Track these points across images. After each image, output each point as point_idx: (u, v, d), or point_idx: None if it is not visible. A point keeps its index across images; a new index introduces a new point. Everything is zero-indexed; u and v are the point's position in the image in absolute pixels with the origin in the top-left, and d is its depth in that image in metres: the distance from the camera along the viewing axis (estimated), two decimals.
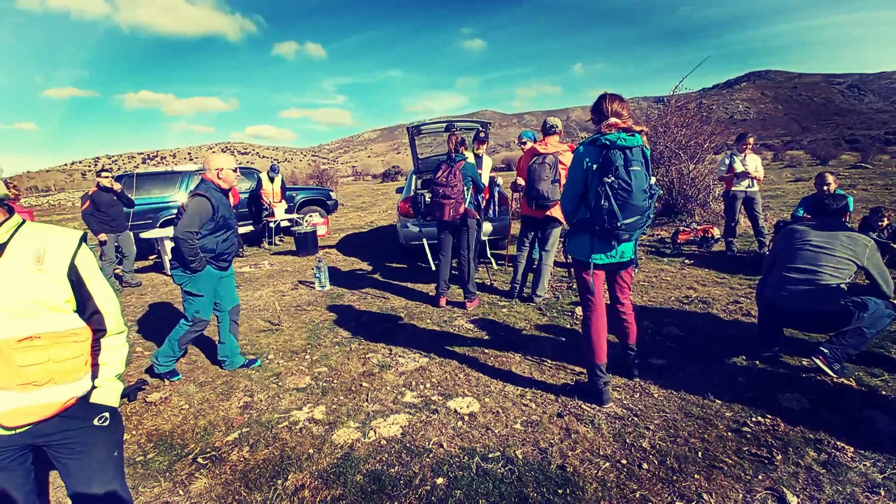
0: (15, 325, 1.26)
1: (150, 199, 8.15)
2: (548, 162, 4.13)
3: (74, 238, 1.40)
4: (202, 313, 3.17)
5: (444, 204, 4.18)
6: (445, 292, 4.59)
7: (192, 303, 3.13)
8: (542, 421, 2.54)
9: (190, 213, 2.93)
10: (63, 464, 1.45)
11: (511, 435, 2.43)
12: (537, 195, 4.17)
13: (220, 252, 3.14)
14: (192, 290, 3.09)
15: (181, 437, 2.61)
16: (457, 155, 4.29)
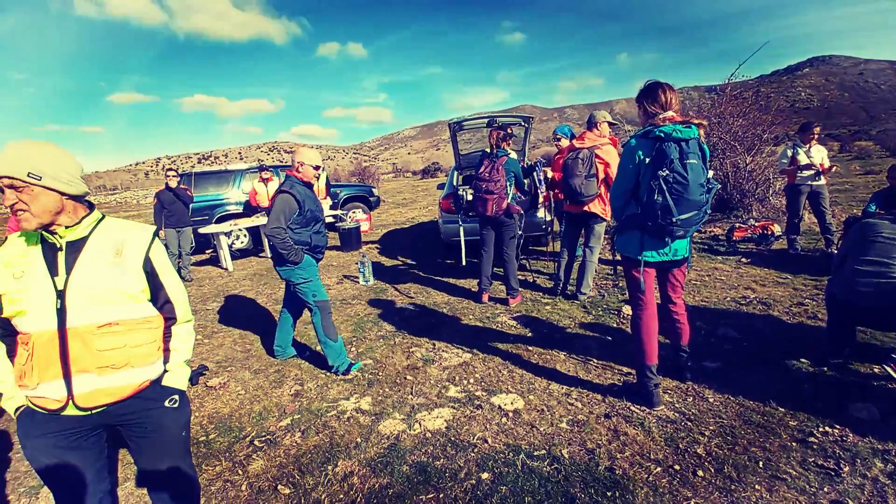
0: (96, 312, 1.37)
1: (207, 197, 8.63)
2: (580, 157, 4.07)
3: (149, 232, 1.51)
4: (319, 294, 3.20)
5: (486, 199, 4.17)
6: (488, 288, 4.58)
7: (306, 289, 3.17)
8: (589, 421, 2.49)
9: (275, 210, 2.98)
10: (135, 442, 1.57)
11: (557, 434, 2.40)
12: (570, 191, 4.12)
13: (315, 244, 3.17)
14: (298, 278, 3.13)
15: (238, 420, 2.76)
16: (499, 150, 4.26)
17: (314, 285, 3.18)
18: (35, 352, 1.32)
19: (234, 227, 7.37)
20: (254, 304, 5.19)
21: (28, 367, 1.33)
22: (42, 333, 1.32)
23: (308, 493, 2.09)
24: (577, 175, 4.02)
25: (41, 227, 1.30)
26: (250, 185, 8.49)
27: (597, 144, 4.07)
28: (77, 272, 1.34)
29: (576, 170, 4.03)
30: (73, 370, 1.35)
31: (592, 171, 4.00)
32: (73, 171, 1.34)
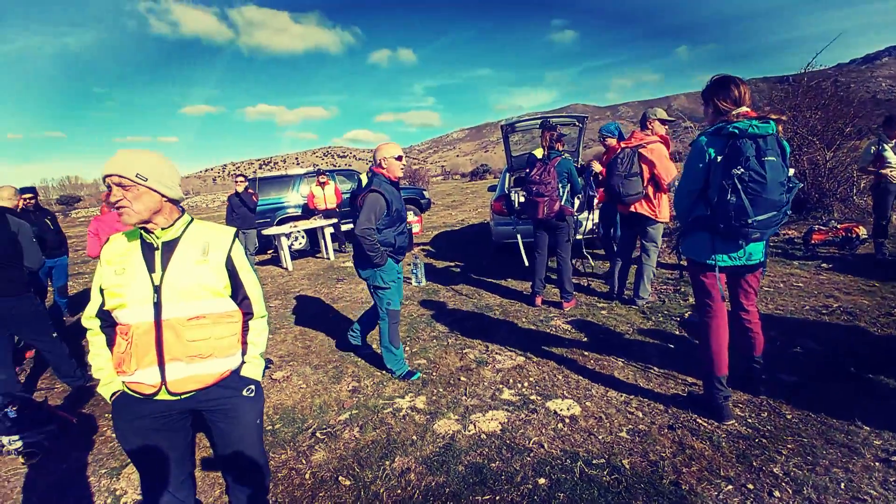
0: (186, 306, 1.50)
1: (269, 200, 9.13)
2: (620, 156, 3.97)
3: (230, 234, 1.63)
4: (393, 304, 3.17)
5: (537, 202, 4.12)
6: (541, 291, 4.52)
7: (382, 296, 3.14)
8: (651, 432, 2.39)
9: (365, 210, 2.91)
10: (217, 427, 1.69)
11: (616, 443, 2.33)
12: (610, 190, 4.04)
13: (399, 245, 3.11)
14: (379, 283, 3.09)
15: (301, 412, 2.90)
16: (552, 151, 4.19)
17: (391, 293, 3.15)
18: (133, 341, 1.46)
19: (294, 229, 7.74)
20: (312, 303, 5.43)
21: (127, 355, 1.48)
22: (140, 325, 1.46)
23: (367, 486, 2.16)
24: (616, 174, 3.94)
25: (140, 223, 1.43)
26: (308, 188, 8.89)
27: (642, 143, 3.93)
28: (171, 270, 1.47)
29: (615, 169, 3.95)
30: (166, 358, 1.48)
31: (634, 171, 3.87)
32: (173, 177, 1.48)
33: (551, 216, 4.14)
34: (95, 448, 2.77)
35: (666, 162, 3.93)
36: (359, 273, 3.19)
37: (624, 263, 4.40)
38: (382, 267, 3.04)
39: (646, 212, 4.02)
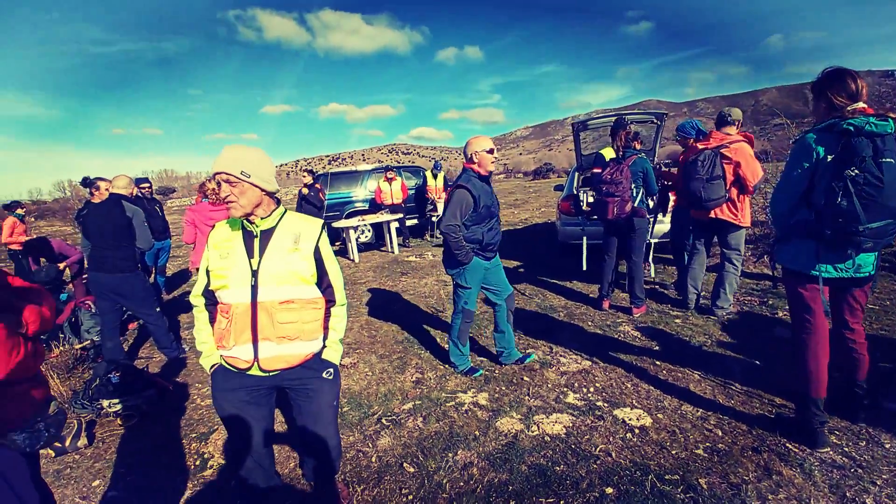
0: (279, 291, 1.62)
1: (339, 194, 9.55)
2: (700, 159, 3.64)
3: (318, 225, 1.74)
4: (470, 304, 3.13)
5: (607, 202, 3.93)
6: (609, 295, 4.35)
7: (461, 294, 3.12)
8: (733, 452, 2.23)
9: (451, 206, 2.87)
10: (298, 404, 1.82)
11: (692, 460, 2.19)
12: (689, 195, 3.72)
13: (487, 242, 3.00)
14: (461, 282, 3.07)
15: (367, 398, 3.02)
16: (627, 150, 4.01)
17: (470, 294, 3.11)
18: (233, 320, 1.60)
19: (361, 223, 8.04)
20: (377, 294, 5.61)
21: (227, 331, 1.62)
22: (239, 305, 1.60)
23: (430, 475, 2.20)
24: (696, 178, 3.63)
25: (244, 215, 1.57)
26: (375, 184, 9.19)
27: (724, 143, 3.62)
28: (267, 256, 1.60)
29: (695, 173, 3.63)
30: (259, 337, 1.61)
31: (717, 173, 3.56)
32: (271, 172, 1.60)
33: (622, 217, 3.96)
34: (187, 414, 3.07)
35: (753, 162, 3.61)
36: (446, 269, 3.19)
37: (697, 271, 4.12)
38: (467, 266, 2.99)
39: (727, 217, 3.72)
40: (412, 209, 9.73)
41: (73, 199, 23.23)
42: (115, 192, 3.67)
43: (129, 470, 2.51)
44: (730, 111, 3.79)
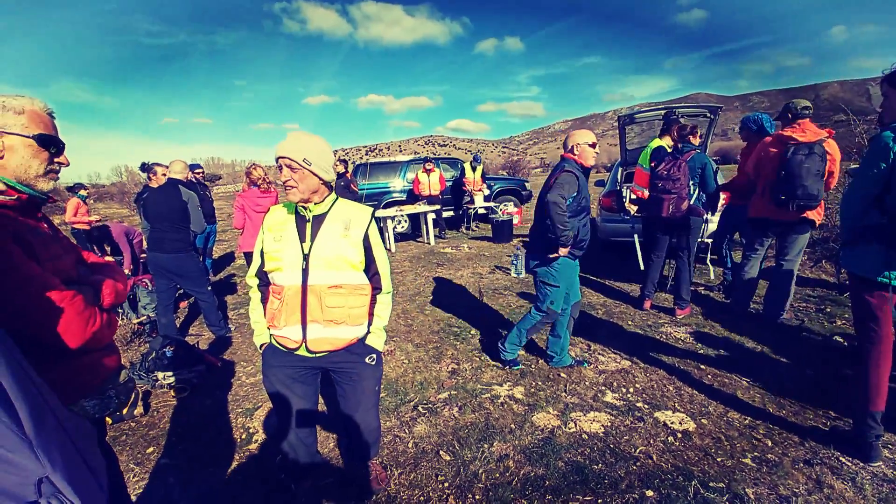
0: (329, 275, 1.66)
1: (377, 184, 9.68)
2: (817, 152, 3.25)
3: (368, 213, 1.76)
4: (556, 304, 2.96)
5: (662, 199, 3.79)
6: (651, 295, 4.22)
7: (548, 293, 2.95)
8: (783, 463, 2.13)
9: (557, 186, 2.71)
10: (341, 387, 1.87)
11: (738, 468, 2.11)
12: (804, 194, 3.30)
13: (581, 238, 2.89)
14: (550, 280, 2.92)
15: (403, 385, 3.07)
16: (685, 145, 3.84)
17: (558, 293, 2.94)
18: (285, 301, 1.66)
19: (399, 213, 8.13)
20: (414, 284, 5.67)
21: (278, 312, 1.68)
22: (291, 287, 1.65)
23: (466, 464, 2.22)
24: (814, 174, 3.26)
25: (301, 201, 1.62)
26: (413, 175, 9.25)
27: (822, 138, 3.32)
28: (318, 241, 1.64)
29: (813, 167, 3.26)
30: (308, 319, 1.66)
31: (821, 170, 3.28)
32: (330, 163, 1.64)
33: (677, 215, 3.79)
34: (233, 390, 3.22)
35: (839, 161, 3.36)
36: (527, 265, 3.04)
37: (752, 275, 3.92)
38: (559, 264, 2.87)
39: (816, 218, 3.44)
40: (449, 201, 9.74)
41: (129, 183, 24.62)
42: (172, 176, 3.87)
43: (180, 439, 2.66)
44: (797, 103, 3.46)
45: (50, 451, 0.81)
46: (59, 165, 1.23)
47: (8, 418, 0.75)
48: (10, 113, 1.11)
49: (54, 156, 1.20)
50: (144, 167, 4.38)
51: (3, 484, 0.75)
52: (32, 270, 1.06)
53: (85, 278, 1.27)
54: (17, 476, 0.76)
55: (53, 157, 1.20)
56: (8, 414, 0.75)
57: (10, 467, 0.75)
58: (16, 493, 0.76)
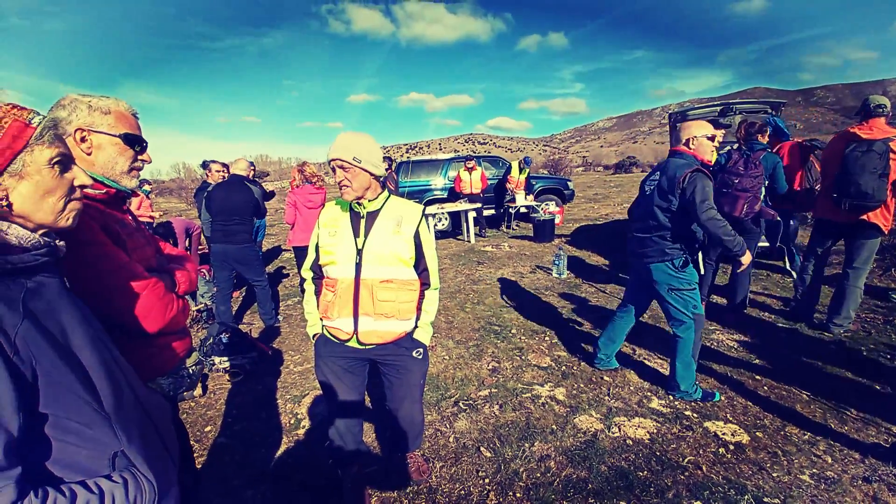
0: (381, 270, 1.71)
1: (418, 182, 9.79)
2: (876, 150, 3.05)
3: (419, 211, 1.81)
4: (699, 307, 2.65)
5: (738, 196, 3.46)
6: (705, 299, 4.04)
7: (688, 298, 2.62)
8: (842, 480, 2.01)
9: (700, 192, 2.40)
10: (388, 379, 1.92)
11: (795, 485, 2.00)
12: (857, 193, 3.13)
13: (700, 240, 2.66)
14: (682, 284, 2.60)
15: (444, 381, 3.11)
16: (755, 144, 3.65)
17: (697, 294, 2.66)
18: (338, 293, 1.73)
19: (440, 211, 8.19)
20: (454, 282, 5.71)
21: (332, 304, 1.75)
22: (344, 280, 1.72)
23: (507, 462, 2.23)
24: (870, 172, 3.06)
25: (355, 199, 1.68)
26: (455, 173, 9.28)
27: (890, 137, 3.09)
28: (371, 236, 1.70)
29: (869, 165, 3.07)
30: (360, 312, 1.72)
31: (886, 170, 3.05)
32: (379, 157, 1.69)
33: (749, 216, 3.51)
34: (282, 377, 3.37)
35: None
36: (650, 271, 2.68)
37: (815, 282, 3.68)
38: (682, 266, 2.59)
39: (879, 222, 3.21)
40: (490, 199, 9.72)
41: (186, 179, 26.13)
42: (235, 173, 4.11)
43: (235, 420, 2.82)
44: (878, 99, 3.24)
45: (127, 427, 0.87)
46: (142, 163, 1.33)
47: (88, 395, 0.81)
48: (97, 113, 1.21)
49: (138, 154, 1.30)
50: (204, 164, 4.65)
51: (74, 458, 0.80)
52: (120, 258, 1.17)
53: (162, 267, 1.38)
54: (88, 450, 0.81)
55: (137, 155, 1.30)
56: (88, 391, 0.81)
57: (83, 441, 0.80)
58: (86, 467, 0.81)
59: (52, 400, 0.76)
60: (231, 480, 2.26)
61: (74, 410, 0.79)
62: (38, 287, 0.80)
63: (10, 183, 0.78)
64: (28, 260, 0.79)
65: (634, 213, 2.90)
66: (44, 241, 0.83)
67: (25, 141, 0.79)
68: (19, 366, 0.71)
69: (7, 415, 0.69)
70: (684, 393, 2.72)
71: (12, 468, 0.69)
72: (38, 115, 0.82)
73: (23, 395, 0.71)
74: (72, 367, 0.79)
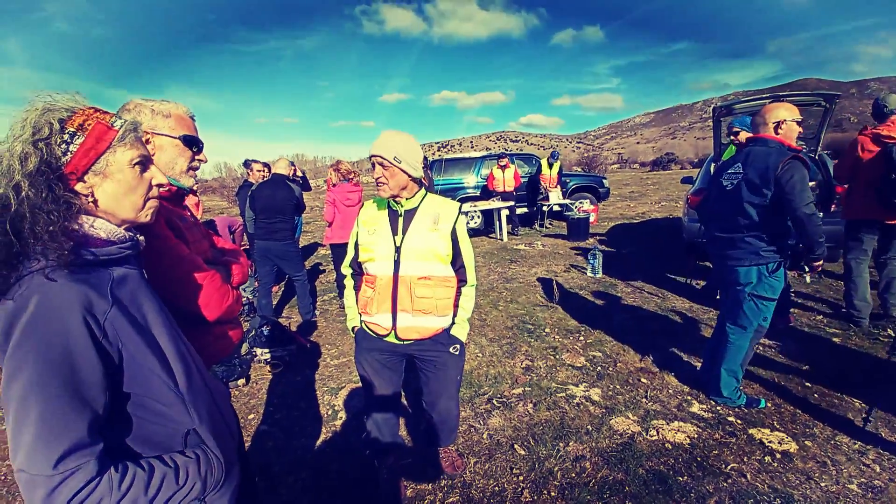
0: (419, 267, 1.75)
1: (451, 180, 9.83)
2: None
3: (456, 208, 1.83)
4: (769, 319, 2.47)
5: None
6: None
7: (762, 308, 2.43)
8: (889, 490, 1.92)
9: (798, 182, 2.19)
10: (425, 374, 1.96)
11: (843, 494, 1.92)
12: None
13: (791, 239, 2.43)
14: (766, 292, 2.40)
15: (477, 378, 3.12)
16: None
17: (772, 307, 2.47)
18: (377, 290, 1.78)
19: (472, 209, 8.19)
20: (487, 280, 5.71)
21: (371, 300, 1.80)
22: (383, 277, 1.76)
23: (541, 460, 2.23)
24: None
25: (392, 196, 1.72)
26: (487, 171, 9.26)
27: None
28: (409, 234, 1.73)
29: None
30: (398, 308, 1.76)
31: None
32: (419, 160, 1.72)
33: None
34: (320, 370, 3.48)
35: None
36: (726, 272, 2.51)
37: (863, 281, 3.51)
38: (777, 274, 2.38)
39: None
40: (523, 197, 9.64)
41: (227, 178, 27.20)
42: (277, 172, 4.27)
43: (276, 409, 2.94)
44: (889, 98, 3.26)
45: (198, 407, 0.93)
46: (199, 162, 1.42)
47: (166, 376, 0.88)
48: (160, 116, 1.29)
49: (195, 154, 1.38)
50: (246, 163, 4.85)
51: (157, 436, 0.87)
52: (182, 251, 1.24)
53: (217, 259, 1.46)
54: (167, 428, 0.88)
55: (195, 156, 1.38)
56: (167, 373, 0.88)
57: (164, 420, 0.87)
58: (164, 443, 0.87)
59: (135, 380, 0.82)
60: (272, 466, 2.36)
61: (154, 390, 0.85)
62: (122, 277, 0.86)
63: (95, 181, 0.84)
64: (114, 252, 0.85)
65: (709, 211, 2.68)
66: (128, 235, 0.90)
67: (108, 143, 0.84)
68: (107, 348, 0.78)
69: (95, 394, 0.75)
70: (727, 399, 2.60)
71: (95, 444, 0.74)
72: (119, 118, 0.88)
73: (109, 375, 0.77)
74: (153, 350, 0.86)
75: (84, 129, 0.81)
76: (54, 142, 0.78)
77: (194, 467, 0.87)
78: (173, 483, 0.82)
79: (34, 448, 0.69)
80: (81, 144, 0.80)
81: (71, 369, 0.72)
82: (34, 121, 0.77)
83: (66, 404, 0.71)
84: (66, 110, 0.81)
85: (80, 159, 0.81)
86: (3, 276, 0.73)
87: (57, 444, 0.70)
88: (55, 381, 0.71)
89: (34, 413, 0.70)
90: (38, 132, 0.77)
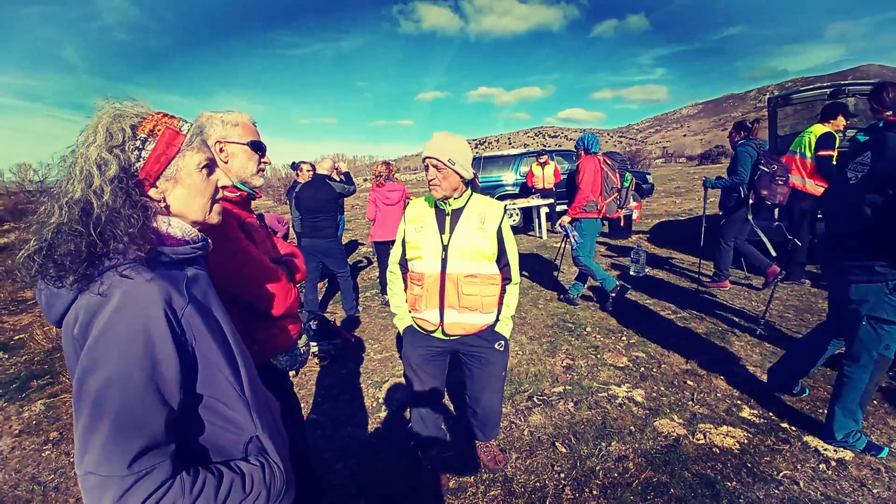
0: (466, 265, 1.80)
1: (490, 177, 9.83)
2: None
3: (501, 208, 1.87)
4: (892, 347, 2.01)
5: None
6: None
7: (884, 334, 1.99)
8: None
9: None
10: (470, 370, 2.01)
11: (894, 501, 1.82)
12: None
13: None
14: (890, 314, 1.94)
15: (517, 376, 3.15)
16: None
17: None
18: (425, 287, 1.85)
19: (511, 207, 8.16)
20: (526, 277, 5.69)
21: (419, 297, 1.88)
22: (431, 274, 1.83)
23: (583, 459, 2.24)
24: None
25: (443, 198, 1.78)
26: (526, 168, 9.19)
27: None
28: (456, 233, 1.80)
29: None
30: (445, 305, 1.83)
31: None
32: (470, 161, 1.77)
33: None
34: (364, 363, 3.61)
35: None
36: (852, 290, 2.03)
37: None
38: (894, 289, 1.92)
39: None
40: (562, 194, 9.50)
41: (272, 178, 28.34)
42: (321, 172, 4.46)
43: (324, 400, 3.09)
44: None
45: (261, 413, 0.90)
46: (265, 164, 1.53)
47: (234, 378, 0.85)
48: (229, 126, 1.41)
49: (261, 157, 1.50)
50: (294, 165, 5.07)
51: (222, 441, 0.84)
52: (252, 251, 1.36)
53: (280, 258, 1.58)
54: (233, 434, 0.85)
55: (261, 158, 1.50)
56: (234, 374, 0.86)
57: (230, 424, 0.85)
58: (227, 449, 0.85)
59: (206, 381, 0.81)
60: (322, 453, 2.50)
61: (222, 392, 0.83)
62: (195, 276, 0.86)
63: (166, 186, 0.84)
64: (188, 252, 0.85)
65: (828, 209, 2.33)
66: (201, 235, 0.91)
67: (178, 147, 0.84)
68: (184, 345, 0.77)
69: (171, 389, 0.73)
70: (842, 443, 2.18)
71: (169, 444, 0.72)
72: (186, 122, 0.88)
73: (185, 374, 0.76)
74: (223, 350, 0.84)
75: (154, 134, 0.81)
76: (128, 148, 0.78)
77: (259, 475, 0.85)
78: (241, 490, 0.80)
79: (108, 446, 0.66)
80: (153, 150, 0.81)
81: (153, 363, 0.71)
82: (107, 127, 0.77)
83: (146, 400, 0.69)
84: (136, 116, 0.81)
85: (153, 165, 0.81)
86: (86, 274, 0.73)
87: (133, 442, 0.67)
88: (137, 375, 0.69)
89: (113, 408, 0.67)
90: (112, 138, 0.77)
